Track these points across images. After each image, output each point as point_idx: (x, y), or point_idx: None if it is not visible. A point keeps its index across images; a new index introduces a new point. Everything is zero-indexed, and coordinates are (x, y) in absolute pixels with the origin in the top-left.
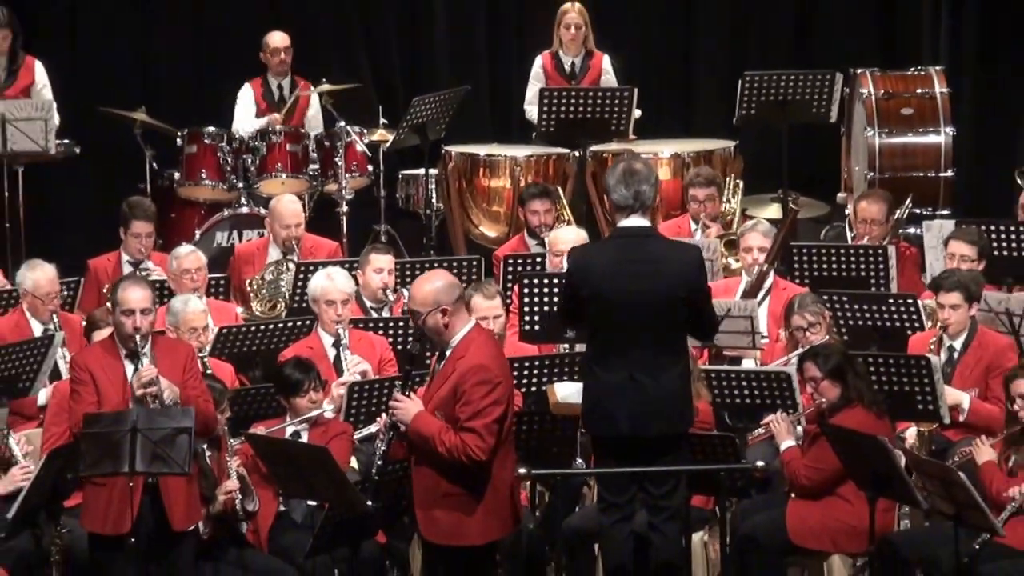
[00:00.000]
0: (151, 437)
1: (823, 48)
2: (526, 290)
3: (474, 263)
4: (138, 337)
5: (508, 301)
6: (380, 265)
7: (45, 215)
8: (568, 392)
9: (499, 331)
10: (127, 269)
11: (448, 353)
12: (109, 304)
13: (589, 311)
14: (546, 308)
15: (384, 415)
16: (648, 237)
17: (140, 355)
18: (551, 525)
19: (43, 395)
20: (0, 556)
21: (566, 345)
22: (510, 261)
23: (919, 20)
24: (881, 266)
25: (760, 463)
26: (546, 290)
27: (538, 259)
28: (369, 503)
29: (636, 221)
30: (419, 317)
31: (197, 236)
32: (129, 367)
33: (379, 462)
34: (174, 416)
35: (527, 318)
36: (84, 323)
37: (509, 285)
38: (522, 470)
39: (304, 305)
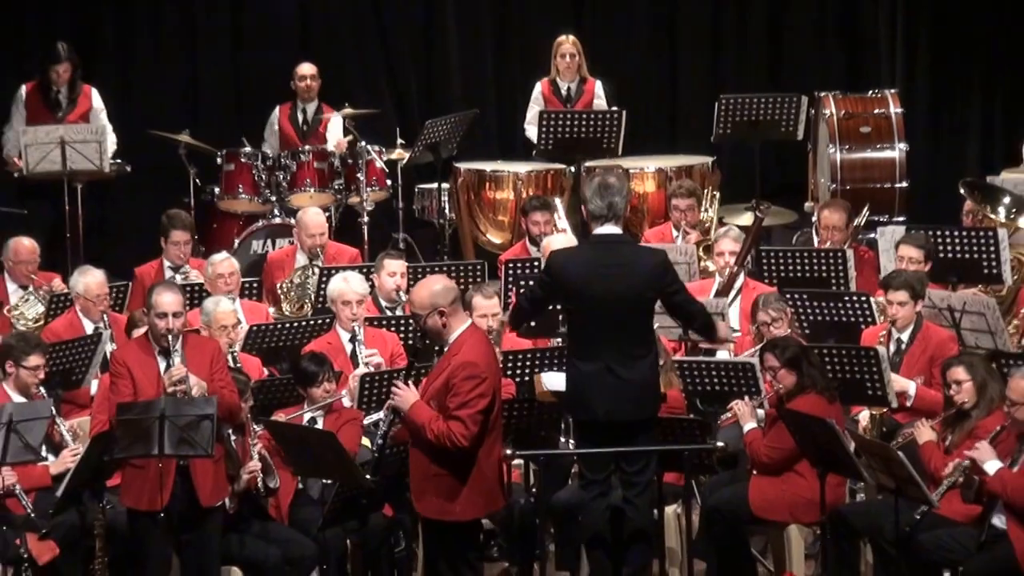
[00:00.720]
0: (177, 423)
1: (791, 73)
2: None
3: (479, 267)
4: (170, 337)
5: (509, 300)
6: (393, 269)
7: (101, 227)
8: (553, 381)
9: (496, 327)
10: (168, 274)
11: (444, 350)
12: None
13: (568, 308)
14: None
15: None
16: (619, 243)
17: (172, 352)
18: (542, 500)
19: (94, 386)
20: (50, 531)
21: (559, 340)
22: (511, 265)
23: (877, 47)
24: (841, 268)
25: (720, 443)
26: None
27: (536, 263)
28: (368, 476)
29: (609, 229)
30: (420, 318)
31: (236, 244)
32: (162, 363)
33: (379, 441)
34: (198, 404)
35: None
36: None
37: (511, 286)
38: (508, 451)
39: (328, 305)
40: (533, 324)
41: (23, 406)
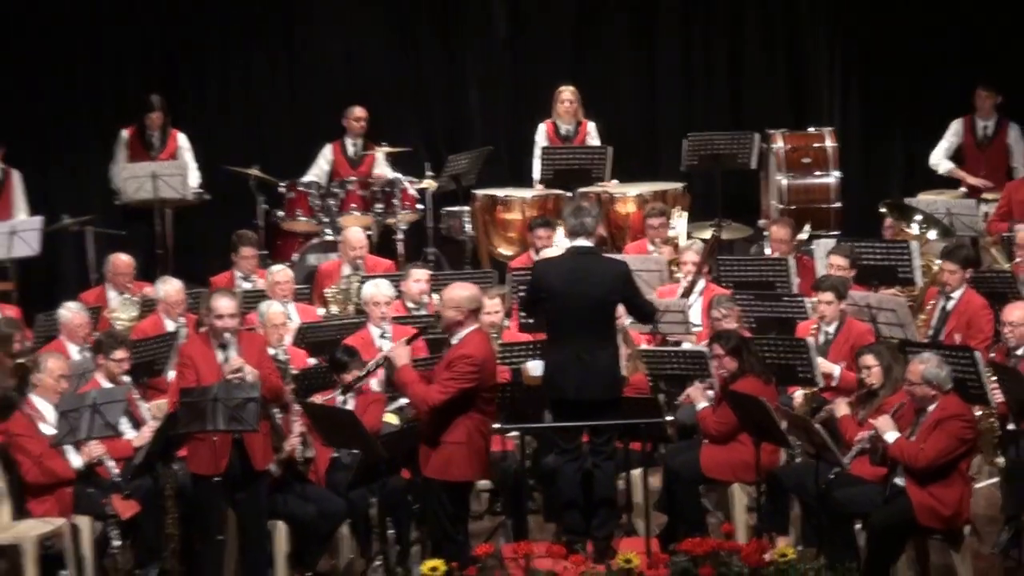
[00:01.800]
0: (228, 404)
1: (748, 113)
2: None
3: (490, 274)
4: (227, 334)
5: (514, 298)
6: (417, 277)
7: (186, 244)
8: (535, 368)
9: (499, 322)
10: (238, 283)
11: (453, 342)
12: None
13: (546, 307)
14: None
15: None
16: (589, 255)
17: (228, 347)
18: (536, 463)
19: (172, 375)
20: (131, 492)
21: None
22: (517, 272)
23: (819, 91)
24: (783, 273)
25: (669, 418)
26: None
27: None
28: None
29: (582, 242)
30: (442, 310)
31: (295, 258)
32: (220, 355)
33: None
34: (245, 389)
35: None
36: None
37: (516, 288)
38: (496, 425)
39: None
40: (533, 321)
41: (104, 391)
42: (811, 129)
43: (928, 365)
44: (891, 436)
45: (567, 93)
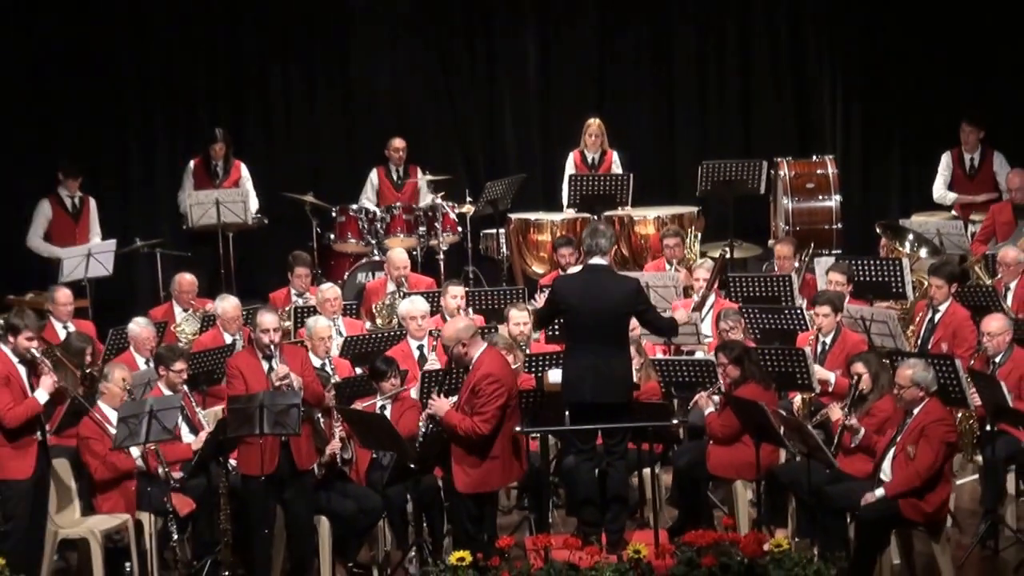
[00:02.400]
0: (272, 410)
1: (757, 142)
2: None
3: (521, 290)
4: (272, 347)
5: None
6: (454, 293)
7: (247, 264)
8: (554, 376)
9: (528, 332)
10: (294, 299)
11: (470, 368)
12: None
13: (565, 319)
14: None
15: (426, 410)
16: (604, 272)
17: (273, 358)
18: (559, 463)
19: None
20: (187, 491)
21: None
22: (545, 288)
23: (822, 122)
24: (788, 289)
25: (676, 420)
26: None
27: None
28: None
29: (597, 261)
30: (448, 349)
31: (346, 277)
32: (265, 365)
33: (420, 439)
34: (288, 396)
35: (552, 326)
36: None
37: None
38: (517, 428)
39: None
40: (554, 332)
41: (161, 398)
42: (814, 157)
43: (916, 369)
44: (885, 477)
45: (593, 126)
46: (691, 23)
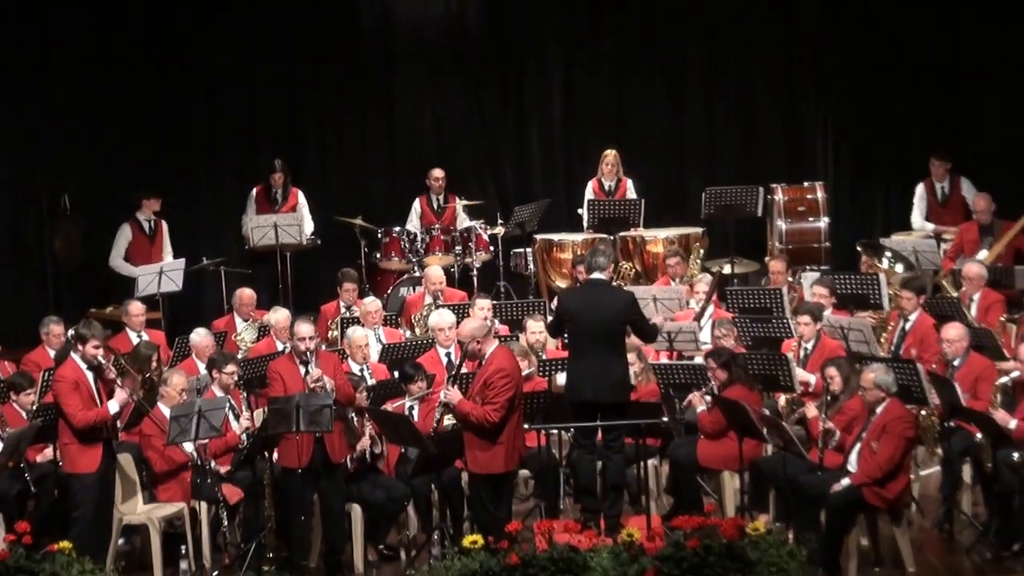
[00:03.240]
0: (307, 410)
1: (756, 169)
2: None
3: (540, 302)
4: (308, 353)
5: None
6: (481, 306)
7: (302, 280)
8: (562, 379)
9: (543, 340)
10: (343, 311)
11: (483, 363)
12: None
13: (568, 328)
14: None
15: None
16: (601, 286)
17: (308, 363)
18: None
19: None
20: (236, 481)
21: None
22: None
23: (814, 152)
24: (778, 300)
25: (665, 419)
26: None
27: None
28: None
29: (596, 276)
30: (464, 344)
31: (389, 291)
32: (302, 369)
33: (435, 424)
34: (321, 397)
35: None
36: None
37: None
38: (526, 425)
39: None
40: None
41: (208, 400)
42: (805, 183)
43: (877, 373)
44: (852, 468)
45: (610, 157)
46: (697, 66)
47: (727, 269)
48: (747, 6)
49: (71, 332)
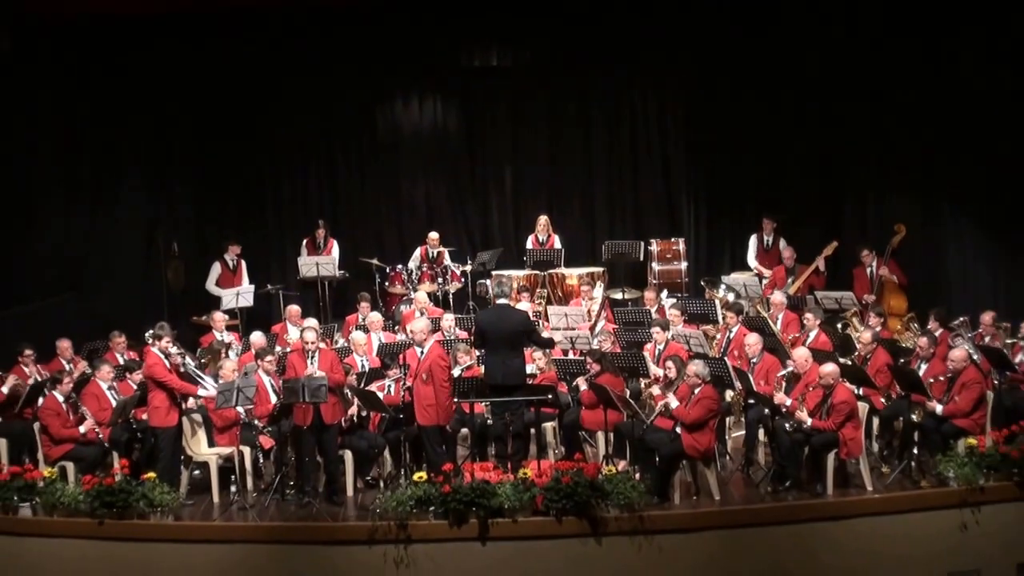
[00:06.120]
0: (309, 388)
1: (640, 227)
2: None
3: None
4: (311, 350)
5: None
6: (448, 319)
7: (335, 300)
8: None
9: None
10: (360, 320)
11: (424, 352)
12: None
13: (485, 336)
14: None
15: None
16: (506, 308)
17: (313, 357)
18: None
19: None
20: (269, 434)
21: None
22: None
23: (680, 215)
24: (648, 317)
25: (550, 396)
26: None
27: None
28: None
29: (502, 301)
30: (413, 336)
31: (394, 308)
32: (308, 361)
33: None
34: (318, 379)
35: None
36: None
37: None
38: (455, 399)
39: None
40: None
41: (245, 379)
42: (672, 239)
43: (697, 367)
44: (674, 404)
45: (543, 220)
46: (604, 158)
47: (619, 295)
48: (632, 116)
49: (148, 333)
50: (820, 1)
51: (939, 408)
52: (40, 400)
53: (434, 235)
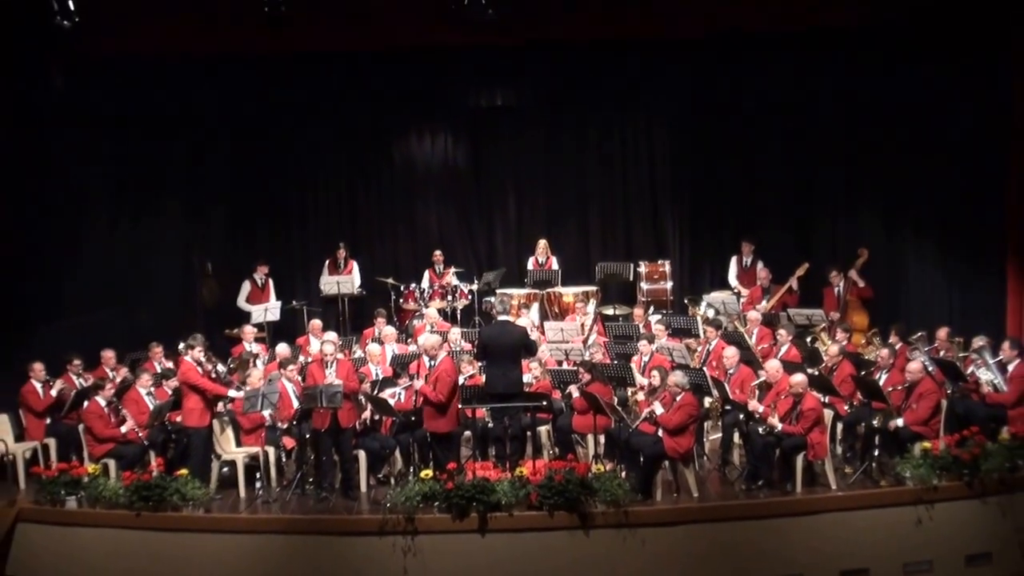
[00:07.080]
0: (326, 394)
1: (631, 250)
2: None
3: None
4: (330, 360)
5: None
6: (454, 333)
7: (354, 316)
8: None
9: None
10: (376, 334)
11: (434, 364)
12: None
13: (487, 349)
14: None
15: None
16: (507, 323)
17: (331, 366)
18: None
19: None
20: (291, 435)
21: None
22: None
23: (666, 239)
24: (636, 332)
25: (545, 402)
26: None
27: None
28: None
29: (503, 317)
30: (425, 350)
31: (407, 323)
32: (328, 370)
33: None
34: (335, 387)
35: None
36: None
37: None
38: (460, 405)
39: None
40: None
41: (269, 386)
42: (659, 260)
43: (677, 376)
44: (659, 411)
45: (542, 243)
46: (597, 187)
47: (610, 311)
48: (623, 150)
49: (182, 344)
50: (792, 44)
51: (900, 421)
52: (84, 404)
53: (438, 253)
